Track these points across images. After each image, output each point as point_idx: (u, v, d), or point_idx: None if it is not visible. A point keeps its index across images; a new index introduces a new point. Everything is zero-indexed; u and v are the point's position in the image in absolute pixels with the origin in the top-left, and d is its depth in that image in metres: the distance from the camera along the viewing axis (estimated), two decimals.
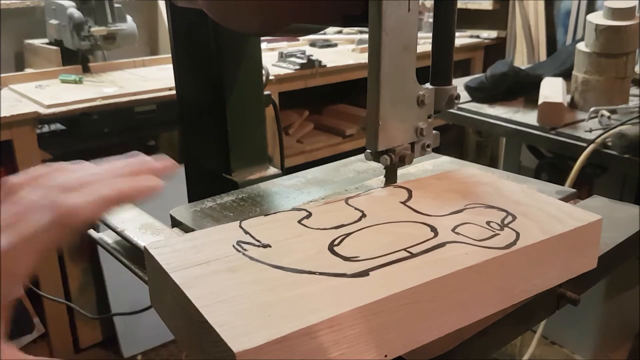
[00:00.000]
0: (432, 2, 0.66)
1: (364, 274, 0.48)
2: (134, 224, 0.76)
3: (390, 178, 0.71)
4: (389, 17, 0.60)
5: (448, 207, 0.62)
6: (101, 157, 0.47)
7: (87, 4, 1.92)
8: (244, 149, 1.01)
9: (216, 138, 1.00)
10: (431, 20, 0.68)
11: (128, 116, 1.78)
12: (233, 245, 0.54)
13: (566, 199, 0.82)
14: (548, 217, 0.59)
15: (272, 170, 1.02)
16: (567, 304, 0.60)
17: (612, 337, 1.74)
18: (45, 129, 1.93)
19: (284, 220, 0.60)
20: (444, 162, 0.98)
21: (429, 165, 0.96)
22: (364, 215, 0.60)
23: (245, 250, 0.53)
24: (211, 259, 0.52)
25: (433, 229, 0.56)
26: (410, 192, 0.66)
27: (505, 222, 0.58)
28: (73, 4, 1.93)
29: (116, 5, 1.98)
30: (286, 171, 1.02)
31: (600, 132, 1.29)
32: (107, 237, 0.81)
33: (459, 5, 0.77)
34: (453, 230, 0.56)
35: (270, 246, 0.54)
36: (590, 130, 1.35)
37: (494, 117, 1.54)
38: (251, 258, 0.52)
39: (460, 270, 0.49)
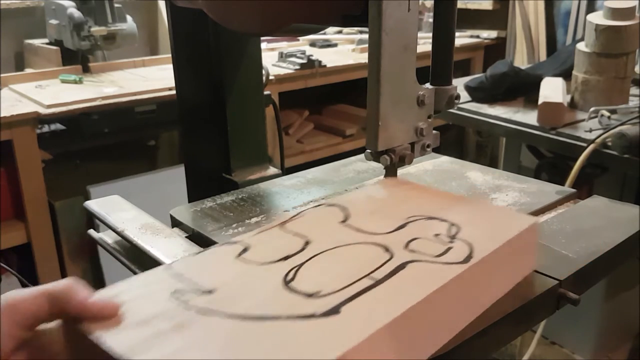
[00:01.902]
0: (432, 2, 0.66)
1: (335, 311, 0.43)
2: (134, 224, 0.76)
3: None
4: (389, 17, 0.60)
5: (390, 222, 0.59)
6: (101, 157, 0.47)
7: (87, 4, 1.92)
8: (244, 149, 1.01)
9: (216, 138, 1.00)
10: (431, 20, 0.68)
11: (128, 116, 1.78)
12: (171, 295, 0.46)
13: (566, 199, 0.82)
14: (491, 223, 0.59)
15: (272, 170, 1.03)
16: (567, 304, 0.60)
17: (612, 337, 1.74)
18: (45, 129, 1.93)
19: (221, 258, 0.53)
20: (444, 162, 0.98)
21: (429, 165, 0.96)
22: (308, 242, 0.55)
23: (187, 300, 0.45)
24: (150, 316, 0.43)
25: (386, 249, 0.53)
26: (345, 209, 0.63)
27: (452, 233, 0.56)
28: (73, 4, 1.93)
29: (116, 5, 1.98)
30: (286, 171, 1.02)
31: (600, 132, 1.29)
32: (107, 237, 0.81)
33: (459, 5, 0.77)
34: (406, 247, 0.54)
35: (214, 291, 0.46)
36: (590, 130, 1.35)
37: (494, 117, 1.54)
38: (198, 310, 0.44)
39: (432, 293, 0.46)
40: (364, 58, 2.09)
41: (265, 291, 0.46)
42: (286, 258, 0.52)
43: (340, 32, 2.78)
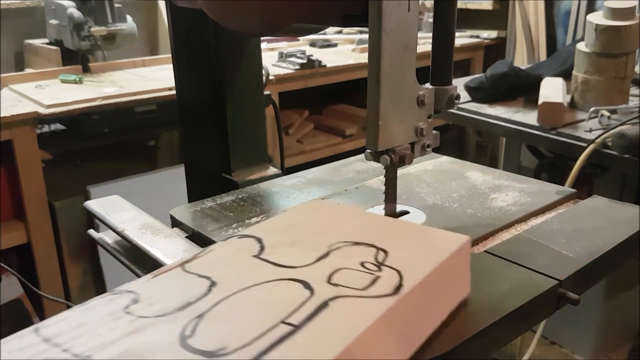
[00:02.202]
0: (432, 2, 0.66)
1: None
2: (134, 224, 0.76)
3: (390, 178, 0.71)
4: (389, 17, 0.60)
5: (310, 252, 0.52)
6: (101, 157, 0.46)
7: (87, 4, 1.92)
8: (244, 149, 1.01)
9: (216, 138, 1.00)
10: (431, 20, 0.68)
11: (128, 116, 1.78)
12: None
13: (566, 199, 0.82)
14: (420, 245, 0.55)
15: (272, 170, 1.03)
16: (567, 304, 0.60)
17: (612, 337, 1.74)
18: (45, 129, 1.94)
19: (103, 315, 0.44)
20: (444, 162, 0.98)
21: (429, 165, 0.96)
22: (213, 284, 0.47)
23: None
24: None
25: (306, 285, 0.46)
26: (260, 241, 0.56)
27: (379, 259, 0.51)
28: (73, 4, 1.93)
29: (116, 5, 1.98)
30: (286, 171, 1.02)
31: (600, 132, 1.29)
32: (107, 237, 0.81)
33: (459, 5, 0.77)
34: (329, 281, 0.47)
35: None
36: (590, 130, 1.35)
37: (494, 117, 1.54)
38: None
39: (360, 335, 0.39)
40: (364, 58, 2.10)
41: (159, 354, 0.38)
42: (186, 307, 0.44)
43: (340, 32, 2.78)
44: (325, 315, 0.41)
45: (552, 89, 1.49)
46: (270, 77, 1.91)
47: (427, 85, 0.68)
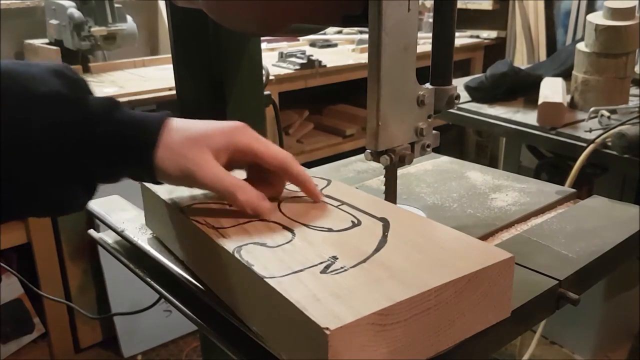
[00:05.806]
0: (432, 2, 0.66)
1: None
2: (134, 224, 0.76)
3: (390, 178, 0.71)
4: (389, 17, 0.60)
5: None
6: None
7: (87, 4, 1.92)
8: None
9: None
10: (431, 20, 0.68)
11: None
12: None
13: (566, 199, 0.82)
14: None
15: None
16: (567, 304, 0.60)
17: (612, 337, 1.74)
18: None
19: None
20: (444, 162, 0.98)
21: (429, 165, 0.96)
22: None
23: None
24: None
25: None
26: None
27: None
28: (73, 4, 1.93)
29: (116, 5, 1.98)
30: None
31: (600, 132, 1.29)
32: (107, 237, 0.81)
33: (459, 5, 0.77)
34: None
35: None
36: (590, 130, 1.35)
37: (494, 117, 1.54)
38: None
39: None
40: (364, 58, 2.09)
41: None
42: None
43: (340, 32, 2.78)
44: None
45: (552, 89, 1.49)
46: (270, 77, 1.91)
47: (427, 85, 0.68)
